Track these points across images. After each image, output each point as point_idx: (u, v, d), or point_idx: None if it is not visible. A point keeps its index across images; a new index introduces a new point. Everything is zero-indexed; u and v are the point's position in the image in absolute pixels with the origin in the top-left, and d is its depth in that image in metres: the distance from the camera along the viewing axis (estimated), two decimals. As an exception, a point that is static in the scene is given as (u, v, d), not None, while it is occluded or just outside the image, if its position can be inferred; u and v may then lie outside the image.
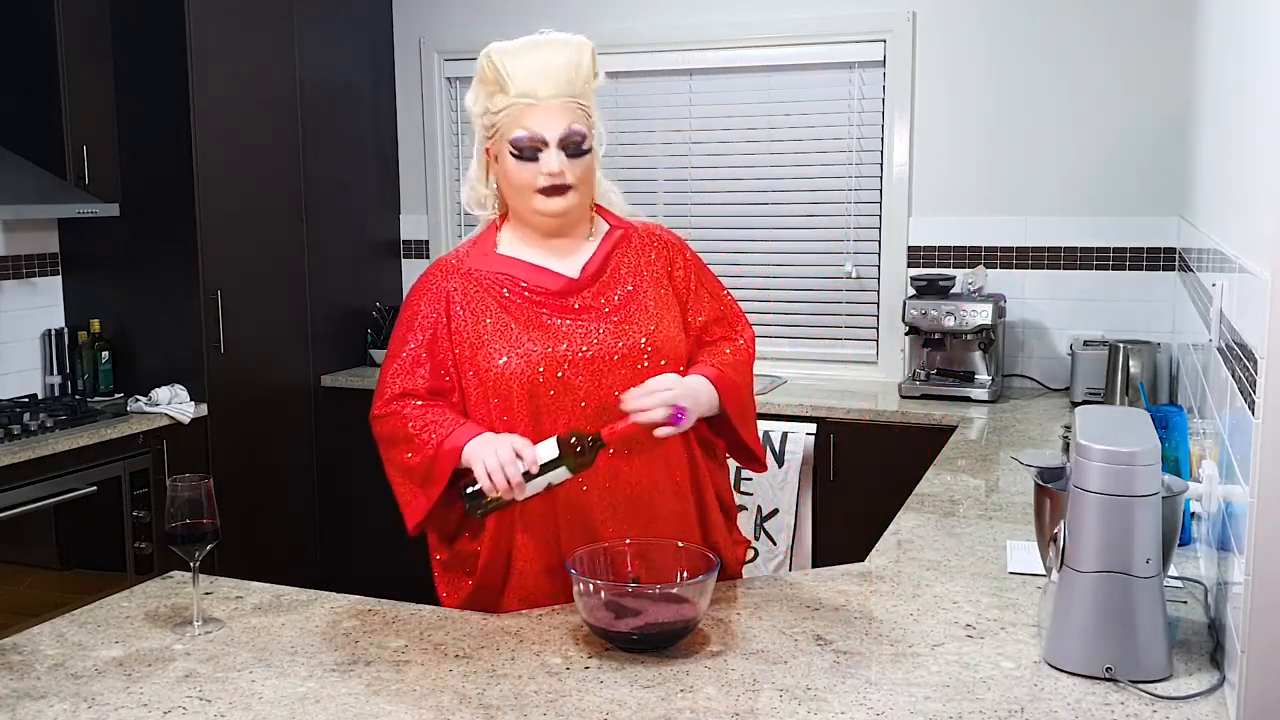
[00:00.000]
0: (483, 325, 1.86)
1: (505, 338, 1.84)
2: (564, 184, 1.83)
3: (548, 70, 1.84)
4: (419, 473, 1.87)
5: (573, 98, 1.85)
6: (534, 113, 1.81)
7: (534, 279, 1.88)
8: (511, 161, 1.83)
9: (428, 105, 4.66)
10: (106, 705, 1.47)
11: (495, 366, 1.83)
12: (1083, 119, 3.83)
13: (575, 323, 1.86)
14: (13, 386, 3.79)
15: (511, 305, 1.87)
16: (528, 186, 1.83)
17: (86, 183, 3.65)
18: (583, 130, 1.84)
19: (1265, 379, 1.34)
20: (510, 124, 1.82)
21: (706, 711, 1.43)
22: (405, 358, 1.89)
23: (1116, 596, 1.48)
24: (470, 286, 1.89)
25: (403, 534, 4.64)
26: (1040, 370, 3.97)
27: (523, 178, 1.83)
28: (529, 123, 1.81)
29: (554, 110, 1.82)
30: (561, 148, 1.82)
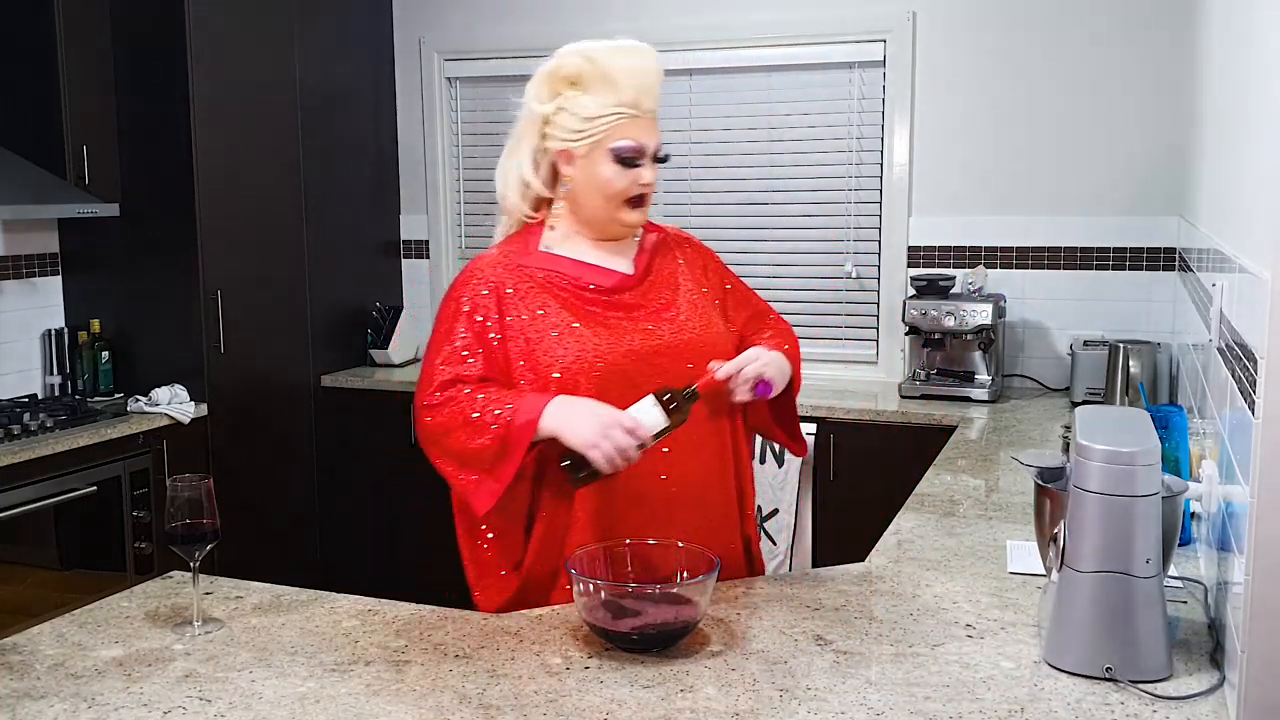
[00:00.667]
0: (541, 321, 1.86)
1: (568, 333, 1.85)
2: (648, 194, 1.91)
3: (649, 82, 1.87)
4: (489, 455, 1.80)
5: (655, 111, 1.91)
6: (639, 124, 1.86)
7: (587, 276, 1.91)
8: (611, 168, 1.86)
9: (428, 106, 4.66)
10: (106, 705, 1.47)
11: (561, 362, 1.83)
12: (1083, 119, 3.83)
13: (631, 319, 1.89)
14: (13, 386, 3.79)
15: (569, 301, 1.88)
16: (620, 195, 1.88)
17: (86, 183, 3.65)
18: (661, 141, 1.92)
19: (1265, 379, 1.34)
20: (615, 132, 1.85)
21: (706, 711, 1.43)
22: (456, 345, 1.87)
23: (1116, 596, 1.48)
24: (523, 282, 1.89)
25: (403, 534, 4.65)
26: (1040, 370, 3.97)
27: (618, 185, 1.87)
28: (635, 133, 1.86)
29: (652, 123, 1.89)
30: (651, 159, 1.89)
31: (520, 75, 4.90)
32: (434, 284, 4.76)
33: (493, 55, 4.54)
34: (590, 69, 1.86)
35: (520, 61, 4.49)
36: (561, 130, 1.88)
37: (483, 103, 4.64)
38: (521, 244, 1.95)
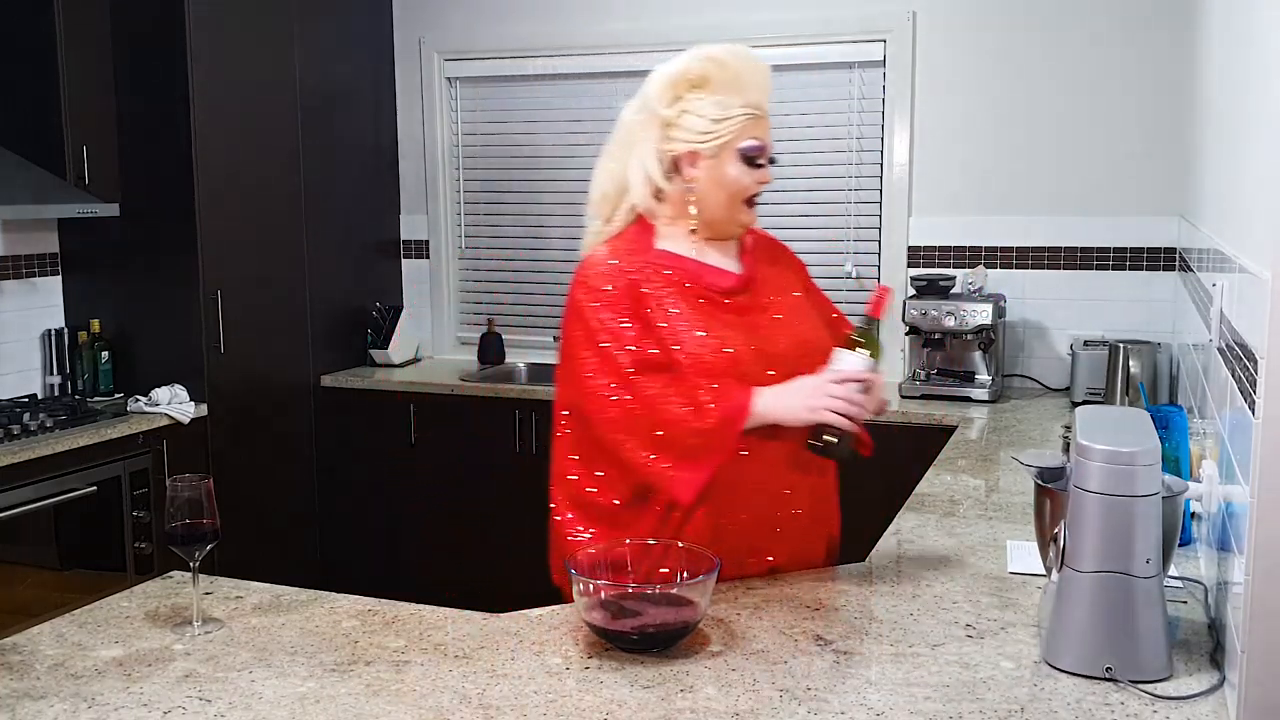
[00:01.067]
0: (674, 315, 1.87)
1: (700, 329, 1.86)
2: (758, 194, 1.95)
3: (767, 83, 1.92)
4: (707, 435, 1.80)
5: None
6: (761, 125, 1.91)
7: (706, 276, 1.93)
8: (738, 167, 1.90)
9: (428, 105, 4.66)
10: (106, 705, 1.47)
11: (696, 357, 1.84)
12: (1083, 119, 3.83)
13: (751, 320, 1.92)
14: (13, 386, 3.79)
15: (695, 298, 1.90)
16: (743, 193, 1.92)
17: (86, 183, 3.65)
18: None
19: (1265, 379, 1.34)
20: (743, 132, 1.88)
21: (706, 711, 1.43)
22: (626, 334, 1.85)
23: (1116, 596, 1.48)
24: (654, 278, 1.90)
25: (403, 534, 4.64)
26: (1040, 370, 3.97)
27: (744, 184, 1.91)
28: (759, 133, 1.90)
29: (768, 125, 1.93)
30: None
31: (520, 75, 4.94)
32: (434, 284, 4.77)
33: (493, 55, 4.54)
34: (718, 72, 1.88)
35: (520, 61, 4.50)
36: (687, 132, 1.89)
37: (483, 103, 4.64)
38: (635, 242, 1.95)
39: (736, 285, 1.95)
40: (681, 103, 1.89)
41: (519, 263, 4.68)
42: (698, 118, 1.88)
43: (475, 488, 4.18)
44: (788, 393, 1.82)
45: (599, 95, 4.43)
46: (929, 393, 3.79)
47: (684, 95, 1.89)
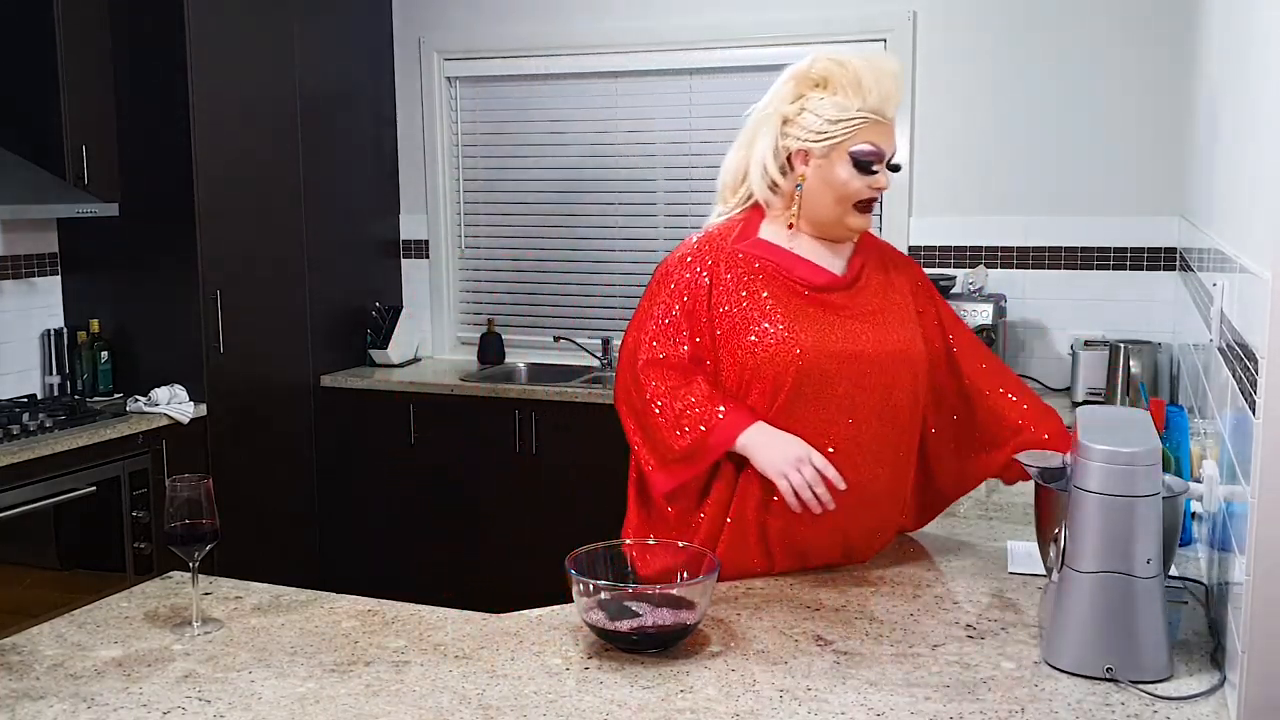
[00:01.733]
0: (749, 308, 1.89)
1: (773, 324, 1.87)
2: (875, 200, 1.94)
3: (895, 95, 1.91)
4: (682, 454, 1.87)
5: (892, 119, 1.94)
6: (880, 129, 1.89)
7: (798, 270, 1.94)
8: (848, 170, 1.89)
9: (428, 105, 4.66)
10: (106, 705, 1.47)
11: (764, 346, 1.86)
12: (1083, 119, 3.83)
13: (839, 318, 1.91)
14: (12, 386, 3.79)
15: (778, 293, 1.91)
16: (852, 197, 1.91)
17: (86, 183, 3.65)
18: None
19: (1265, 379, 1.34)
20: (856, 135, 1.88)
21: (706, 711, 1.43)
22: (667, 323, 1.92)
23: (1117, 596, 1.48)
24: (736, 266, 1.92)
25: (403, 534, 4.64)
26: (1041, 370, 3.96)
27: (853, 187, 1.90)
28: (875, 138, 1.89)
29: (891, 131, 1.92)
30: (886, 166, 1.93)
31: (520, 75, 4.94)
32: (434, 284, 4.77)
33: (493, 55, 4.54)
34: (840, 72, 1.88)
35: (520, 61, 4.50)
36: (802, 130, 1.91)
37: (483, 103, 4.64)
38: (741, 228, 1.98)
39: (831, 283, 1.94)
40: (802, 100, 1.91)
41: (519, 263, 4.68)
42: (815, 117, 1.89)
43: (475, 488, 4.18)
44: (777, 443, 1.83)
45: (599, 95, 4.43)
46: (929, 393, 3.78)
47: (806, 94, 1.91)
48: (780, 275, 1.92)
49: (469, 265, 4.77)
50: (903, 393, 1.92)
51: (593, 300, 4.58)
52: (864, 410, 1.88)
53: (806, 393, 1.86)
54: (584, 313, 4.59)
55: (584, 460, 3.97)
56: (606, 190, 4.50)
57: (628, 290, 4.50)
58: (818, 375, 1.86)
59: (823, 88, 1.90)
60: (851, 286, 1.96)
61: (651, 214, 4.46)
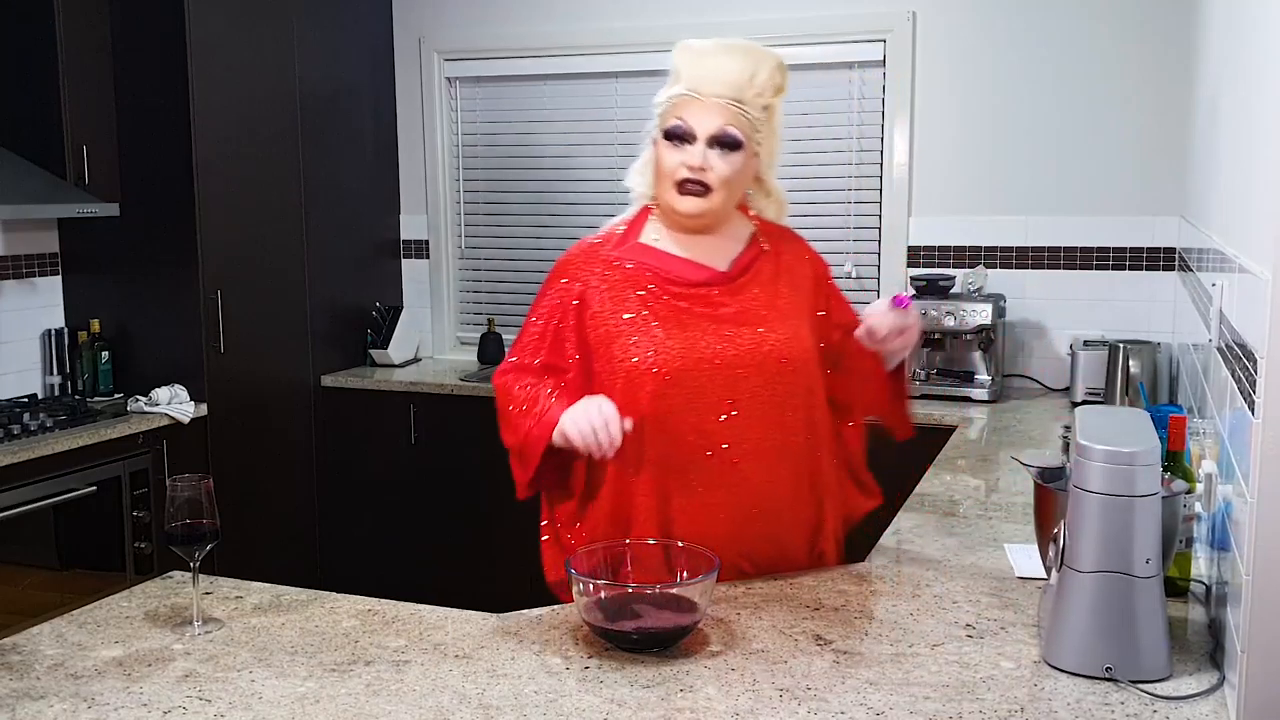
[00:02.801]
0: (620, 318, 1.90)
1: (643, 333, 1.87)
2: (702, 181, 1.87)
3: (718, 71, 1.88)
4: (515, 451, 1.96)
5: (736, 101, 1.87)
6: (693, 106, 1.87)
7: (675, 270, 1.92)
8: (663, 148, 1.90)
9: (428, 105, 4.66)
10: (106, 705, 1.47)
11: (629, 363, 1.86)
12: (1083, 119, 3.83)
13: (715, 324, 1.88)
14: (13, 386, 3.79)
15: (653, 300, 1.90)
16: (670, 175, 1.89)
17: (86, 183, 3.65)
18: (735, 133, 1.87)
19: (1265, 379, 1.34)
20: (671, 113, 1.89)
21: (706, 711, 1.43)
22: (529, 333, 2.00)
23: (1116, 596, 1.48)
24: (612, 273, 1.93)
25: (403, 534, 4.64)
26: (1040, 370, 3.97)
27: (669, 164, 1.89)
28: (685, 113, 1.88)
29: (713, 108, 1.86)
30: (711, 146, 1.86)
31: (520, 75, 4.94)
32: (434, 284, 4.77)
33: (493, 55, 4.54)
34: (675, 62, 1.94)
35: (520, 61, 4.50)
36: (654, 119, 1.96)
37: (483, 103, 4.64)
38: (626, 231, 2.00)
39: (711, 279, 1.92)
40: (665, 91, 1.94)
41: (519, 263, 4.68)
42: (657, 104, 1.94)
43: (475, 488, 4.17)
44: (574, 409, 1.83)
45: (599, 95, 4.43)
46: (929, 393, 3.79)
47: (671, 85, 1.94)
48: (656, 278, 1.91)
49: (469, 265, 4.77)
50: (786, 393, 1.89)
51: (593, 300, 4.57)
52: (744, 416, 1.85)
53: (678, 403, 1.84)
54: (584, 313, 4.58)
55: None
56: (606, 190, 4.50)
57: (628, 290, 4.50)
58: (688, 382, 1.84)
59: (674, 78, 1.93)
60: (734, 281, 1.92)
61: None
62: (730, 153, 1.87)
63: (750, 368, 1.86)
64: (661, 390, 1.84)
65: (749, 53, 1.91)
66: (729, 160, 1.87)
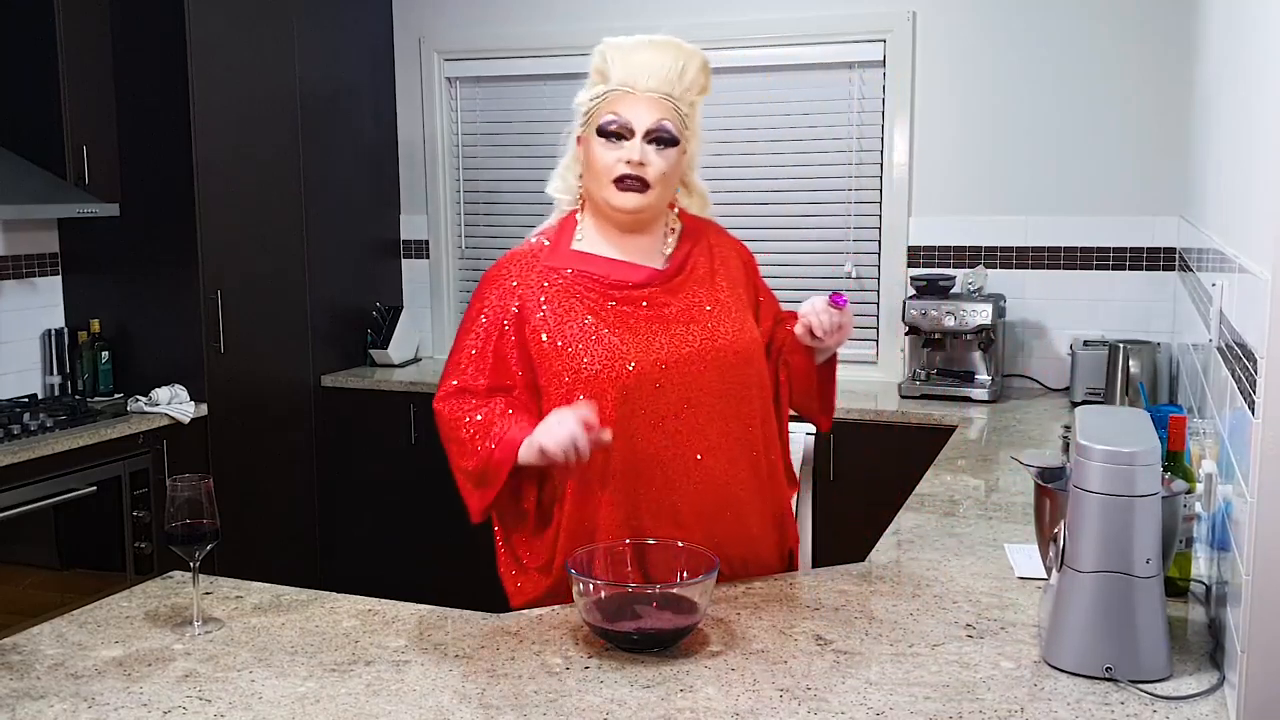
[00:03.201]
0: (568, 328, 1.85)
1: (596, 341, 1.83)
2: (641, 177, 1.84)
3: (650, 65, 1.87)
4: (475, 475, 1.90)
5: (669, 96, 1.87)
6: (628, 100, 1.85)
7: (614, 274, 1.89)
8: (597, 145, 1.86)
9: (428, 105, 4.66)
10: (106, 705, 1.47)
11: (588, 372, 1.81)
12: (1083, 119, 3.83)
13: (662, 321, 1.87)
14: (13, 386, 3.79)
15: (597, 304, 1.87)
16: (607, 173, 1.85)
17: (86, 183, 3.65)
18: (671, 128, 1.86)
19: (1265, 379, 1.34)
20: (603, 109, 1.87)
21: (706, 711, 1.43)
22: (467, 354, 1.91)
23: (1116, 596, 1.48)
24: (550, 284, 1.88)
25: (403, 534, 4.63)
26: (1040, 370, 3.97)
27: (605, 162, 1.85)
28: (620, 108, 1.85)
29: (647, 102, 1.85)
30: (648, 141, 1.85)
31: (520, 75, 4.93)
32: (434, 284, 4.77)
33: (493, 55, 4.54)
34: (599, 59, 1.91)
35: (520, 61, 4.50)
36: (580, 119, 1.93)
37: (483, 103, 4.64)
38: (555, 239, 1.95)
39: (650, 278, 1.89)
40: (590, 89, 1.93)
41: (519, 263, 4.67)
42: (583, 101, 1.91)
43: (475, 488, 4.17)
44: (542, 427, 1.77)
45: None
46: (928, 393, 3.79)
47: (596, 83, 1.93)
48: (596, 284, 1.88)
49: (469, 265, 4.77)
50: (741, 385, 1.89)
51: (593, 300, 4.58)
52: (703, 412, 1.84)
53: (638, 407, 1.82)
54: (584, 313, 4.58)
55: (584, 460, 3.97)
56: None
57: (628, 290, 4.50)
58: (647, 386, 1.82)
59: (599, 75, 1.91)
60: (673, 280, 1.91)
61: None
62: (666, 148, 1.86)
63: (705, 364, 1.86)
64: (624, 396, 1.81)
65: (677, 48, 1.91)
66: (665, 156, 1.86)
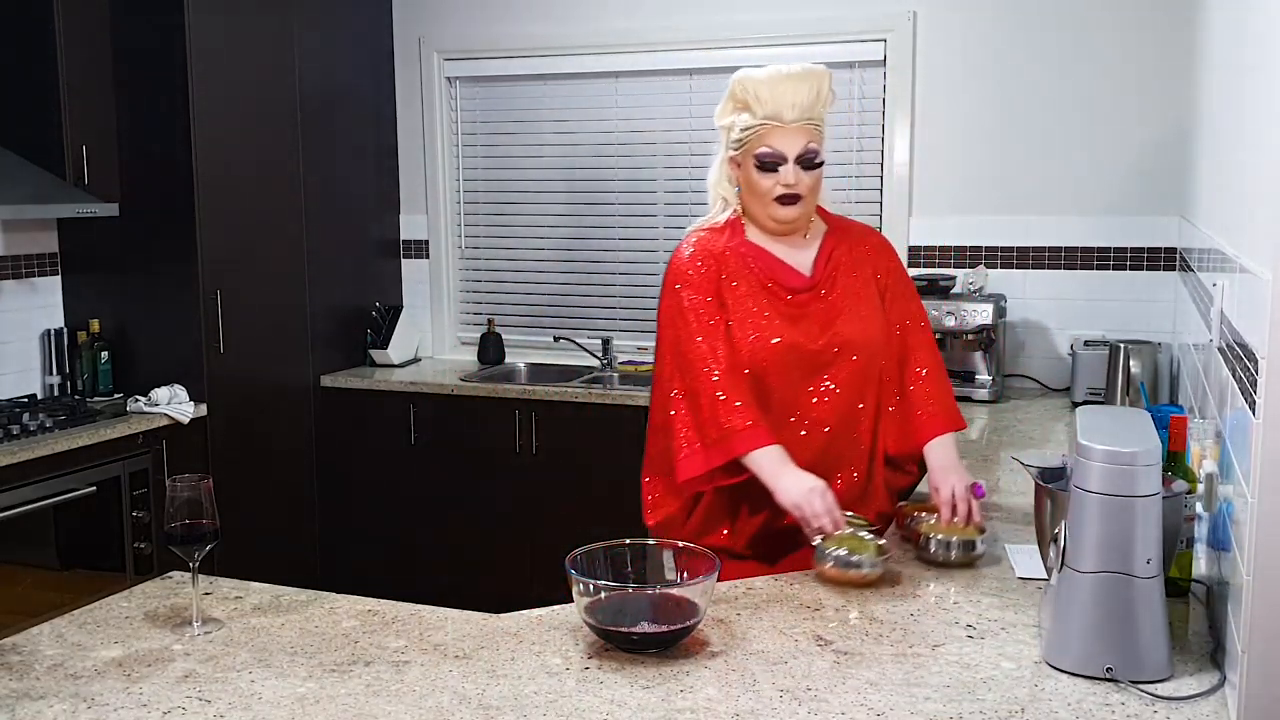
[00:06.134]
0: (745, 300, 2.14)
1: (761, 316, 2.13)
2: (796, 194, 2.13)
3: (793, 98, 2.10)
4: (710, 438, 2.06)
5: (811, 121, 2.12)
6: (778, 133, 2.11)
7: (777, 271, 2.18)
8: (755, 173, 2.14)
9: (428, 105, 4.65)
10: (106, 705, 1.47)
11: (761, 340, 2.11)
12: (1083, 119, 3.83)
13: (806, 317, 2.16)
14: (12, 386, 3.79)
15: (762, 289, 2.16)
16: (767, 194, 2.14)
17: (86, 183, 3.65)
18: (816, 148, 2.13)
19: (1265, 379, 1.34)
20: (756, 141, 2.12)
21: (706, 711, 1.43)
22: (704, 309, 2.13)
23: (1117, 596, 1.48)
24: (734, 264, 2.17)
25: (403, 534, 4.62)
26: (1040, 370, 3.96)
27: (764, 186, 2.14)
28: (773, 142, 2.11)
29: (794, 131, 2.11)
30: (797, 163, 2.11)
31: (520, 75, 4.94)
32: (434, 284, 4.77)
33: (493, 55, 4.54)
34: (741, 91, 2.13)
35: (520, 61, 4.50)
36: (731, 142, 2.17)
37: (483, 102, 4.64)
38: (729, 231, 2.21)
39: (803, 285, 2.18)
40: (732, 117, 2.15)
41: (519, 263, 4.68)
42: (734, 131, 2.15)
43: (475, 488, 4.17)
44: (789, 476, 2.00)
45: (599, 95, 4.43)
46: (929, 393, 3.78)
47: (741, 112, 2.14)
48: (764, 274, 2.17)
49: (469, 265, 4.77)
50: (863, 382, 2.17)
51: (593, 300, 4.58)
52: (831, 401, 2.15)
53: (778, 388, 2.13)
54: (584, 313, 4.58)
55: (584, 460, 3.97)
56: (606, 190, 4.50)
57: (628, 290, 4.50)
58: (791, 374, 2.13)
59: (740, 105, 2.14)
60: (817, 288, 2.19)
61: (651, 214, 4.46)
62: (813, 168, 2.14)
63: (833, 357, 2.15)
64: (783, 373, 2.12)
65: (811, 76, 2.12)
66: (812, 174, 2.14)
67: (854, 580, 1.87)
